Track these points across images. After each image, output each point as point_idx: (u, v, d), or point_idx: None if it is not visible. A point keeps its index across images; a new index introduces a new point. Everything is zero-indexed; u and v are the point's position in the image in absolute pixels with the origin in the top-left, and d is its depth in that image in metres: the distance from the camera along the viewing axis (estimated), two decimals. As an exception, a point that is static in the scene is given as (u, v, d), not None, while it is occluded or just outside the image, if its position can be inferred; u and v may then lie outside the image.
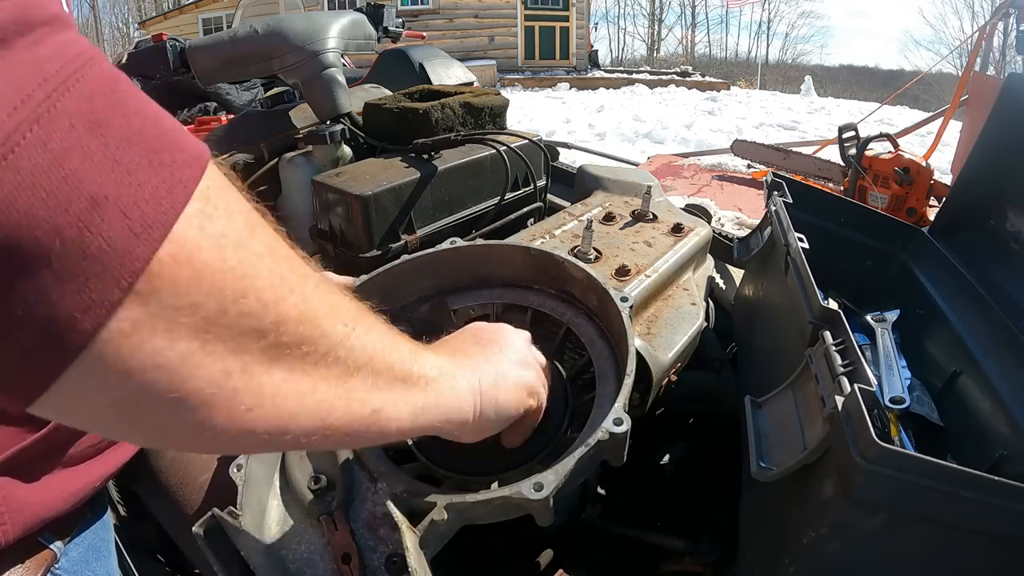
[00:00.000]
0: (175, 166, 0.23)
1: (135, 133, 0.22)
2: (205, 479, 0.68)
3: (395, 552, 0.46)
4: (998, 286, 0.75)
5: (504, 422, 0.48)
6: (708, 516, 0.81)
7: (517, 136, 1.10)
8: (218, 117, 2.62)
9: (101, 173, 0.20)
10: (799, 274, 0.66)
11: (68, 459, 0.55)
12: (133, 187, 0.21)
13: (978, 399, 0.67)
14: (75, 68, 0.21)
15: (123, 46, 18.49)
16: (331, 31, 1.11)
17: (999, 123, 0.83)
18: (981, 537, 0.41)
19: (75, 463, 0.56)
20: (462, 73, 1.51)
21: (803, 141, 5.56)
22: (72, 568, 0.55)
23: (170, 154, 0.23)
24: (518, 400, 0.48)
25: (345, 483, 0.52)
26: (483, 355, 0.47)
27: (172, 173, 0.23)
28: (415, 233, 0.97)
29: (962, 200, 0.89)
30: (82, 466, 0.56)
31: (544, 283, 0.71)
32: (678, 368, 0.78)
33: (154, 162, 0.22)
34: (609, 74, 12.85)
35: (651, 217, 0.92)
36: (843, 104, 10.37)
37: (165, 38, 1.14)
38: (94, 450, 0.58)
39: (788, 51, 25.80)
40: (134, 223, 0.21)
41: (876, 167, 3.17)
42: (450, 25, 12.24)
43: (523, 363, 0.50)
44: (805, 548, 0.47)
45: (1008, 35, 5.89)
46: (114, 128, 0.21)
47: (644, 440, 0.84)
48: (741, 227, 3.30)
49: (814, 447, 0.46)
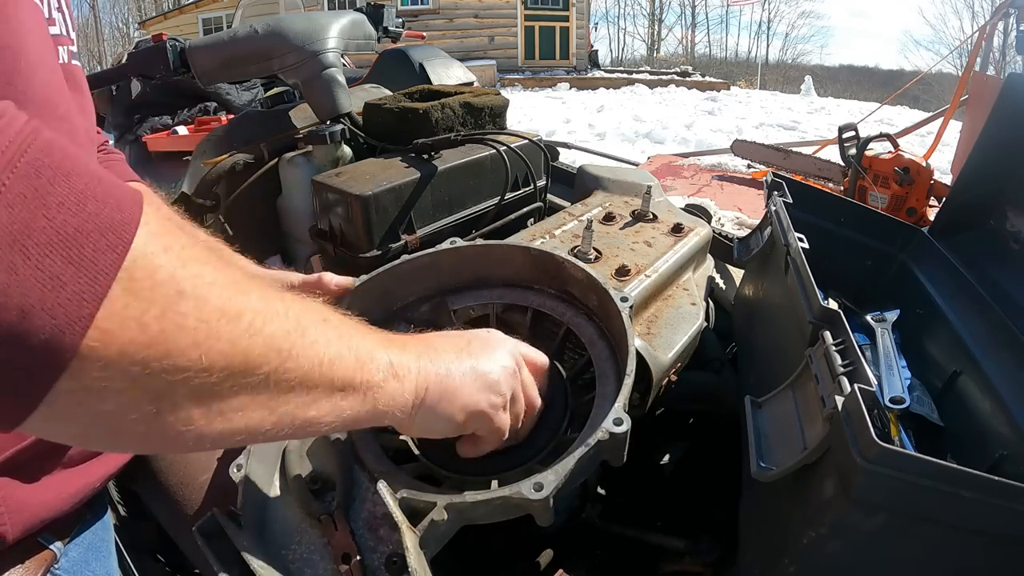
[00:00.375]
0: (97, 255, 0.26)
1: (56, 232, 0.25)
2: (205, 479, 0.68)
3: (395, 552, 0.46)
4: (998, 286, 0.75)
5: (452, 429, 0.47)
6: (708, 516, 0.81)
7: (517, 136, 1.10)
8: (218, 117, 2.62)
9: (25, 286, 0.24)
10: (799, 274, 0.66)
11: (68, 460, 0.55)
12: (56, 290, 0.24)
13: (978, 399, 0.67)
14: None
15: (123, 46, 18.48)
16: (331, 31, 1.11)
17: (999, 123, 0.83)
18: (981, 537, 0.41)
19: (75, 464, 0.56)
20: (462, 73, 1.51)
21: (803, 141, 5.56)
22: (72, 568, 0.55)
23: (91, 244, 0.26)
24: (468, 413, 0.47)
25: (345, 483, 0.52)
26: (453, 360, 0.47)
27: (94, 264, 0.26)
28: (415, 233, 0.97)
29: (962, 200, 0.89)
30: (82, 466, 0.56)
31: (544, 283, 0.71)
32: (678, 368, 0.78)
33: (75, 258, 0.25)
34: (609, 74, 12.85)
35: (651, 217, 0.92)
36: (843, 104, 10.37)
37: (165, 38, 1.14)
38: (94, 451, 0.58)
39: (788, 51, 25.84)
40: (59, 323, 0.25)
41: (876, 167, 3.17)
42: (450, 25, 12.24)
43: (488, 385, 0.48)
44: (805, 548, 0.47)
45: (1008, 35, 5.89)
46: (35, 234, 0.24)
47: (644, 440, 0.84)
48: (741, 227, 3.30)
49: (814, 447, 0.46)
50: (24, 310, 0.24)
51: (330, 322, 0.38)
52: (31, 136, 0.26)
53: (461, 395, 0.46)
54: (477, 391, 0.47)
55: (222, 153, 1.11)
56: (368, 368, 0.40)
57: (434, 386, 0.45)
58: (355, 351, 0.39)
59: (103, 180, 0.28)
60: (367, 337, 0.42)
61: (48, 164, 0.25)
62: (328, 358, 0.37)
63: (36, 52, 0.43)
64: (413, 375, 0.44)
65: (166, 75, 1.10)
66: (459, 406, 0.46)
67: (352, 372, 0.39)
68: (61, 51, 0.52)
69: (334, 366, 0.37)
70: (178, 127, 2.58)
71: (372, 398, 0.40)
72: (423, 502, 0.46)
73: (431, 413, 0.45)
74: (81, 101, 0.55)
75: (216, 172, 1.09)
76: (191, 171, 1.19)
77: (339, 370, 0.37)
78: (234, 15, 5.58)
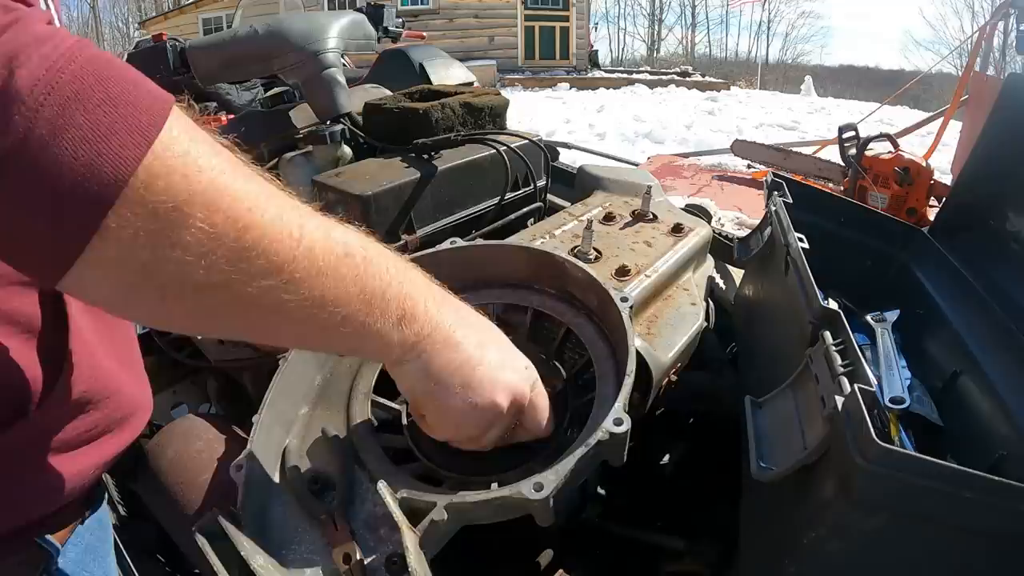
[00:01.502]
0: (123, 149, 0.31)
1: (91, 128, 0.30)
2: (205, 479, 0.68)
3: (395, 552, 0.46)
4: (998, 286, 0.75)
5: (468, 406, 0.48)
6: (708, 516, 0.81)
7: (517, 136, 1.10)
8: (218, 117, 2.62)
9: (63, 165, 0.29)
10: (799, 274, 0.66)
11: (57, 446, 0.54)
12: (91, 167, 0.30)
13: (978, 399, 0.67)
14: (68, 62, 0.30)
15: (123, 46, 18.49)
16: (331, 31, 1.11)
17: (999, 123, 0.83)
18: (981, 537, 0.41)
19: (65, 451, 0.55)
20: (462, 73, 1.50)
21: (803, 141, 5.57)
22: (70, 568, 0.55)
23: (118, 139, 0.31)
24: (484, 390, 0.48)
25: (345, 483, 0.52)
26: (484, 337, 0.50)
27: (121, 151, 0.31)
28: (415, 233, 0.97)
29: (962, 200, 0.89)
30: (73, 453, 0.55)
31: (544, 283, 0.71)
32: (678, 368, 0.78)
33: (103, 151, 0.30)
34: (609, 74, 12.86)
35: (651, 217, 0.92)
36: (843, 104, 10.37)
37: (165, 38, 1.14)
38: (86, 436, 0.56)
39: (788, 51, 25.85)
40: (100, 180, 0.30)
41: (876, 167, 3.17)
42: (450, 25, 12.25)
43: (515, 369, 0.51)
44: (805, 548, 0.47)
45: (1008, 35, 5.89)
46: (73, 128, 0.30)
47: (644, 440, 0.84)
48: (741, 227, 3.30)
49: (814, 447, 0.46)
50: (68, 174, 0.29)
51: (368, 252, 0.43)
52: (79, 50, 0.31)
53: (492, 370, 0.48)
54: (506, 370, 0.50)
55: (222, 153, 1.11)
56: (391, 306, 0.42)
57: (462, 360, 0.47)
58: (386, 290, 0.42)
59: (139, 86, 0.32)
60: (416, 280, 0.46)
61: (91, 71, 0.30)
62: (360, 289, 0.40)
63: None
64: (457, 337, 0.47)
65: (166, 75, 1.10)
66: (488, 378, 0.48)
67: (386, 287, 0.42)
68: None
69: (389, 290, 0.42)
70: (178, 127, 2.57)
71: (400, 338, 0.43)
72: (423, 502, 0.46)
73: (446, 369, 0.46)
74: None
75: (216, 172, 1.08)
76: (191, 171, 1.18)
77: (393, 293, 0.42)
78: (234, 15, 5.59)
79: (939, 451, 0.65)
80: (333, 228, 0.41)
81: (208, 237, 0.33)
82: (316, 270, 0.38)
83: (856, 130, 3.39)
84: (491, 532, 0.50)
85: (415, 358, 0.45)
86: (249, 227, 0.34)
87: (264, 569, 0.43)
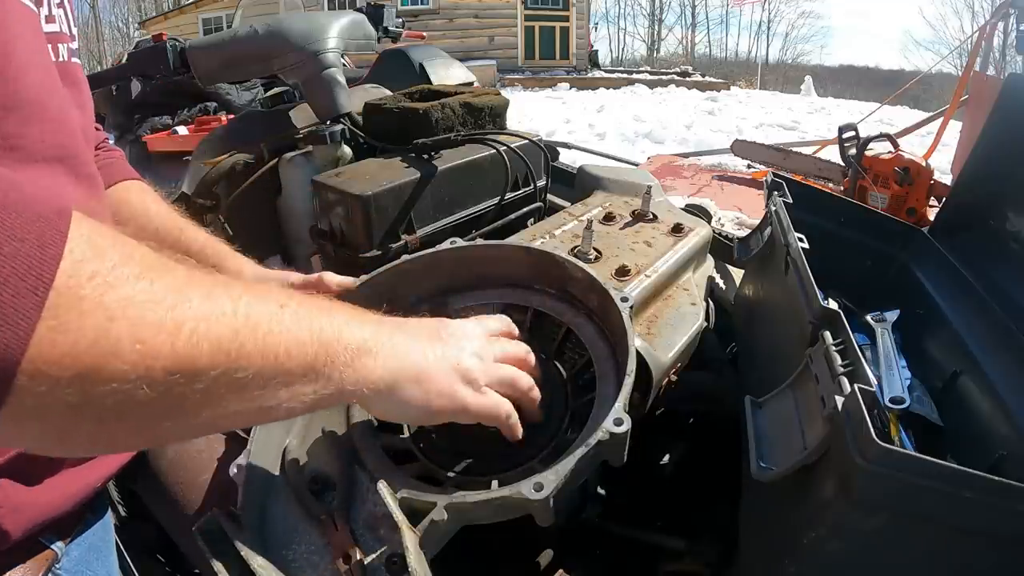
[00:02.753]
0: (18, 300, 0.26)
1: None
2: (205, 479, 0.68)
3: (395, 552, 0.46)
4: (998, 286, 0.75)
5: (424, 415, 0.46)
6: (708, 516, 0.81)
7: (517, 136, 1.10)
8: (218, 117, 2.62)
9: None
10: (799, 274, 0.66)
11: (68, 460, 0.55)
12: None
13: (978, 399, 0.67)
14: None
15: (123, 46, 18.48)
16: (331, 31, 1.11)
17: (999, 123, 0.82)
18: (981, 537, 0.41)
19: (75, 464, 0.56)
20: (462, 73, 1.50)
21: (803, 141, 5.56)
22: (73, 568, 0.55)
23: (11, 289, 0.26)
24: (444, 399, 0.46)
25: (345, 483, 0.52)
26: (427, 344, 0.47)
27: (15, 310, 0.26)
28: (415, 233, 0.97)
29: (962, 200, 0.89)
30: (82, 467, 0.56)
31: (544, 283, 0.71)
32: (678, 368, 0.78)
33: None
34: (609, 74, 12.86)
35: (651, 217, 0.92)
36: (843, 104, 10.36)
37: (165, 38, 1.14)
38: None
39: (788, 51, 25.86)
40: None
41: (876, 167, 3.17)
42: (450, 25, 12.25)
43: (462, 374, 0.47)
44: (805, 548, 0.47)
45: (1008, 35, 5.89)
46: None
47: (644, 440, 0.84)
48: (741, 227, 3.30)
49: (814, 447, 0.46)
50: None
51: (288, 307, 0.38)
52: None
53: (436, 380, 0.46)
54: (449, 378, 0.47)
55: (222, 153, 1.11)
56: (334, 348, 0.39)
57: (409, 366, 0.44)
58: (318, 334, 0.39)
59: (22, 213, 0.27)
60: (335, 316, 0.41)
61: None
62: (285, 348, 0.36)
63: (26, 54, 0.44)
64: (386, 352, 0.43)
65: (166, 75, 1.11)
66: (434, 391, 0.46)
67: (314, 357, 0.38)
68: (61, 48, 0.52)
69: (291, 355, 0.37)
70: (178, 127, 2.58)
71: (339, 379, 0.40)
72: (423, 502, 0.46)
73: (404, 394, 0.44)
74: (79, 98, 0.55)
75: (216, 172, 1.09)
76: (191, 171, 1.19)
77: (298, 358, 0.37)
78: (234, 15, 5.58)
79: (939, 451, 0.65)
80: (254, 303, 0.36)
81: (142, 356, 0.29)
82: (261, 345, 0.35)
83: (856, 130, 3.39)
84: (491, 532, 0.50)
85: (365, 389, 0.42)
86: (181, 325, 0.31)
87: (264, 569, 0.43)
